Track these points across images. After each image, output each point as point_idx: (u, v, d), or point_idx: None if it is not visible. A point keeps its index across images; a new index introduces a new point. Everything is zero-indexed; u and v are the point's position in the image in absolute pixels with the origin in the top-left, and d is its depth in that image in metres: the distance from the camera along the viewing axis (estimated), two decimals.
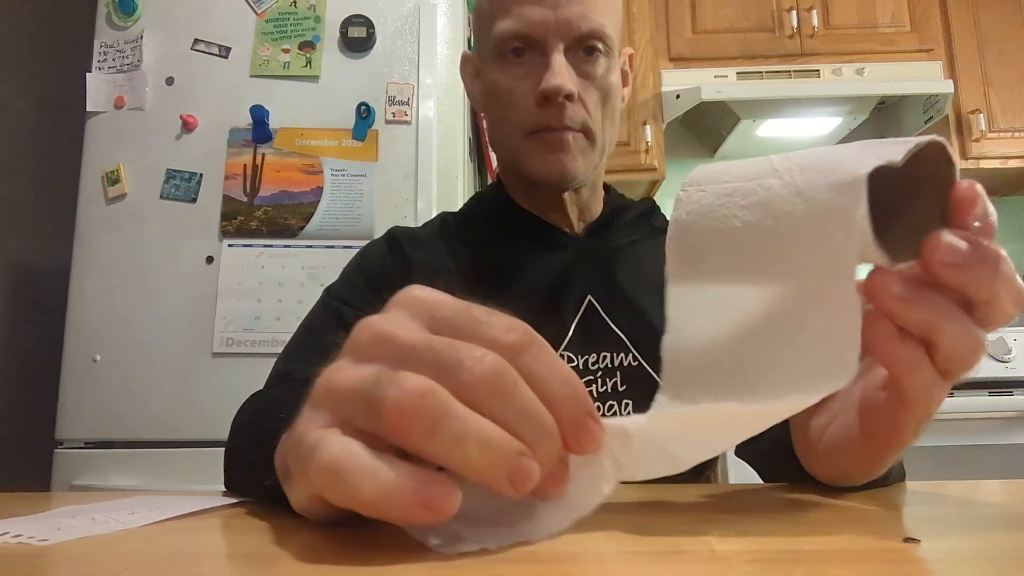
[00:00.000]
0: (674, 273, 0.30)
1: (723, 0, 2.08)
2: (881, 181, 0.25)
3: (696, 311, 0.29)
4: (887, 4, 2.07)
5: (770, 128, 2.13)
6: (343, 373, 0.24)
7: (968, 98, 2.02)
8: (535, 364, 0.23)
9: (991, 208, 0.27)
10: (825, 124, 2.12)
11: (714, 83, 1.99)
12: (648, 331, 0.61)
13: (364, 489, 0.21)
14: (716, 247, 0.28)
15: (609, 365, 0.61)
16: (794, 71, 2.02)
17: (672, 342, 0.30)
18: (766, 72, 2.02)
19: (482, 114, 0.74)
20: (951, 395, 1.59)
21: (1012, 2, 2.08)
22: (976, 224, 0.26)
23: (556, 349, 0.59)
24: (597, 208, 0.71)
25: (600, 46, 0.61)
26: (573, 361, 0.61)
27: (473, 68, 0.70)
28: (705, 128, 2.26)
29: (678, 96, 2.01)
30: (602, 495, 0.24)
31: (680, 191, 0.30)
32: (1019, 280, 0.27)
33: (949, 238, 0.26)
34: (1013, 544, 0.25)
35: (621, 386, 0.60)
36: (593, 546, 0.24)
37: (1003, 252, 0.26)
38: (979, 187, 0.27)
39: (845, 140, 2.25)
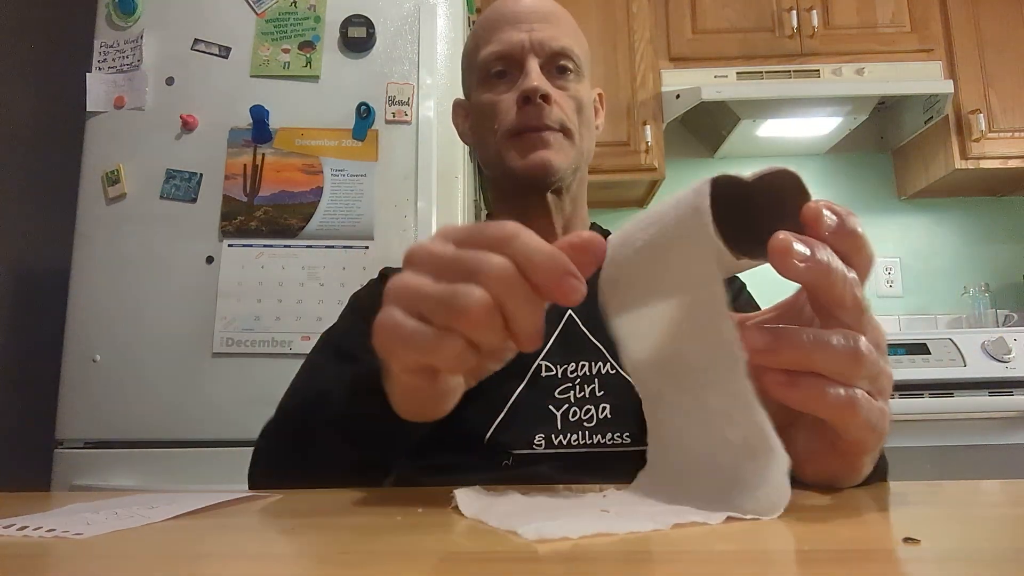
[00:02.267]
0: (608, 307, 0.35)
1: (723, 0, 2.08)
2: (753, 207, 0.31)
3: (635, 334, 0.34)
4: (887, 4, 2.07)
5: (770, 128, 2.12)
6: (414, 279, 0.31)
7: (968, 98, 2.02)
8: (522, 246, 0.30)
9: (845, 219, 0.31)
10: (825, 124, 2.12)
11: (714, 83, 1.99)
12: None
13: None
14: (629, 271, 0.33)
15: (587, 373, 0.63)
16: (794, 71, 2.02)
17: (632, 362, 0.35)
18: (766, 72, 2.02)
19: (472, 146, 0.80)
20: (950, 395, 1.60)
21: (1012, 2, 2.07)
22: (827, 234, 0.30)
23: (534, 359, 0.62)
24: (581, 228, 0.75)
25: (570, 65, 0.69)
26: (552, 370, 0.63)
27: (463, 110, 0.77)
28: (705, 128, 2.26)
29: (678, 96, 2.01)
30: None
31: (610, 236, 0.35)
32: (860, 293, 0.31)
33: (783, 237, 0.29)
34: (1013, 544, 0.25)
35: (599, 391, 0.62)
36: (593, 547, 0.24)
37: (840, 265, 0.30)
38: (824, 206, 0.30)
39: (845, 140, 2.25)
